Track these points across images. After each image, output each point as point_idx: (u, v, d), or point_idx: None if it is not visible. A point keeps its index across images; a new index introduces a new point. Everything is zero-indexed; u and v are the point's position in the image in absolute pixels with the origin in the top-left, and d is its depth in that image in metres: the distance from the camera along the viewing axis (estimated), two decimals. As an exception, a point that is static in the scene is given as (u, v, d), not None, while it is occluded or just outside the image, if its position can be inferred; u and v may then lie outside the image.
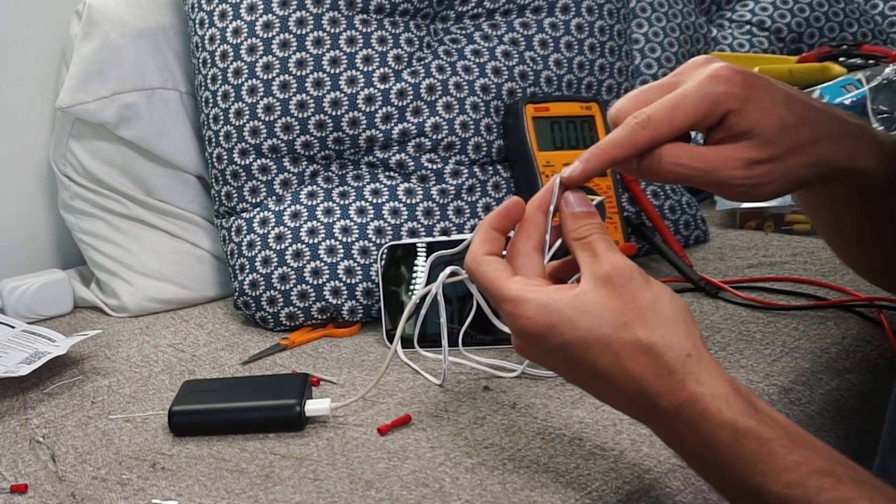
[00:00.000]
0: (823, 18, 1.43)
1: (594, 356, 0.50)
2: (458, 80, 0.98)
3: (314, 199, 0.94)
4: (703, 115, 0.54)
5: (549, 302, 0.51)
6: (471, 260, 0.55)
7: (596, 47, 1.06)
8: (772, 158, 0.55)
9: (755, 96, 0.54)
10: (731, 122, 0.54)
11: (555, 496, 0.59)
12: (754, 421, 0.47)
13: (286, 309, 0.91)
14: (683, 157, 0.54)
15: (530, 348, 0.53)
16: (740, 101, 0.53)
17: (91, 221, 1.03)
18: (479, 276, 0.54)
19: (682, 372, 0.48)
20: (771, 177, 0.55)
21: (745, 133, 0.54)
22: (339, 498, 0.60)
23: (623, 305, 0.50)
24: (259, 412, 0.70)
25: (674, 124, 0.54)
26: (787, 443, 0.47)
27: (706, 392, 0.48)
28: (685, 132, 0.55)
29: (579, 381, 0.53)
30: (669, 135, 0.54)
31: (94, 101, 0.98)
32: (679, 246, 1.02)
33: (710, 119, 0.54)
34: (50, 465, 0.66)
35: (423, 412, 0.71)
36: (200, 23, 0.97)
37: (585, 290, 0.51)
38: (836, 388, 0.77)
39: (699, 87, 0.54)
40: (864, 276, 0.78)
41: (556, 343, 0.51)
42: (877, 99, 1.01)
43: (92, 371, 0.84)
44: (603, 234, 0.53)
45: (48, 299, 1.01)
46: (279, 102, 0.93)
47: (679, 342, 0.49)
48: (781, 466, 0.46)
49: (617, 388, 0.50)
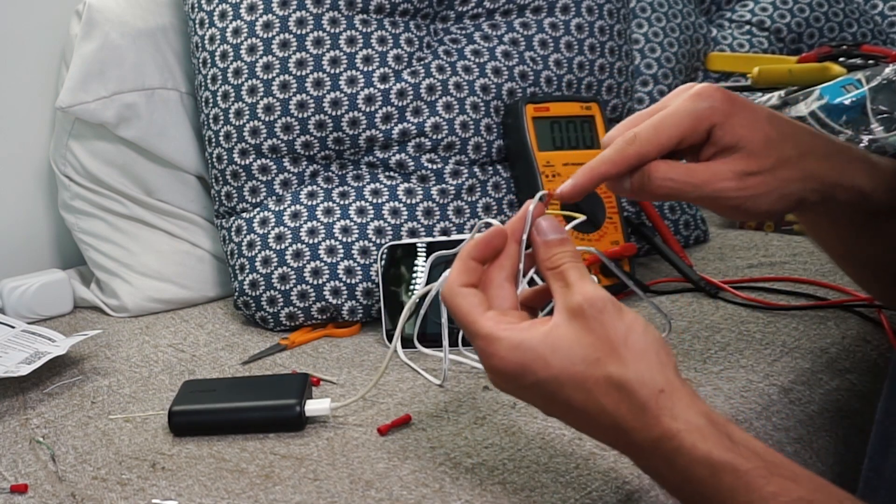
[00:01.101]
0: (823, 18, 1.43)
1: (568, 393, 0.50)
2: (458, 80, 0.98)
3: (314, 199, 0.94)
4: (689, 130, 0.55)
5: (521, 341, 0.50)
6: (447, 291, 0.54)
7: (596, 47, 1.06)
8: (761, 170, 0.55)
9: (738, 112, 0.55)
10: (718, 137, 0.55)
11: (555, 496, 0.59)
12: (730, 453, 0.46)
13: (286, 309, 0.91)
14: (672, 173, 0.55)
15: (504, 384, 0.53)
16: (724, 116, 0.55)
17: (91, 221, 1.03)
18: (453, 309, 0.54)
19: (655, 408, 0.48)
20: (763, 188, 0.56)
21: (732, 147, 0.55)
22: (339, 498, 0.60)
23: (595, 340, 0.49)
24: (259, 412, 0.69)
25: (660, 140, 0.55)
26: (764, 473, 0.46)
27: (681, 427, 0.47)
28: (672, 148, 0.56)
29: (556, 415, 0.53)
30: (656, 151, 0.55)
31: (94, 101, 0.98)
32: (679, 246, 1.02)
33: (696, 134, 0.55)
34: (50, 465, 0.66)
35: (423, 412, 0.71)
36: (200, 23, 0.97)
37: (558, 324, 0.50)
38: (836, 388, 0.77)
39: (683, 104, 0.55)
40: (874, 296, 0.78)
41: (530, 381, 0.50)
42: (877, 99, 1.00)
43: (92, 371, 0.84)
44: (576, 262, 0.52)
45: (48, 299, 1.01)
46: (279, 102, 0.93)
47: (651, 378, 0.48)
48: (760, 497, 0.45)
49: (593, 422, 0.50)
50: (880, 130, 1.00)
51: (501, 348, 0.51)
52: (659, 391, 0.48)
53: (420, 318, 0.75)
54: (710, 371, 0.76)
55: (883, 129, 1.00)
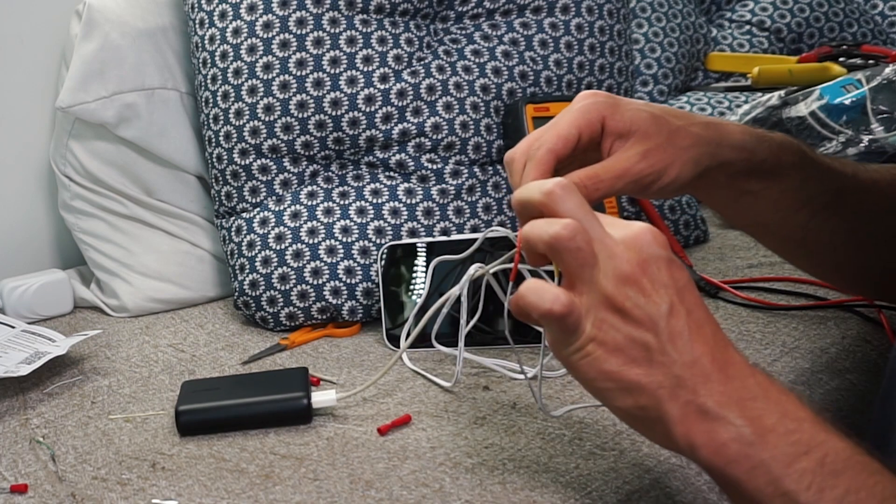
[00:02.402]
0: (823, 18, 1.43)
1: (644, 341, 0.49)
2: (458, 80, 0.98)
3: (314, 199, 0.94)
4: (584, 123, 0.58)
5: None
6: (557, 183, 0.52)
7: (596, 47, 1.06)
8: (659, 145, 0.59)
9: (620, 102, 0.59)
10: (611, 127, 0.59)
11: (555, 496, 0.59)
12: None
13: (286, 309, 0.91)
14: (594, 171, 0.58)
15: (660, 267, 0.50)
16: (610, 107, 0.59)
17: (91, 221, 1.03)
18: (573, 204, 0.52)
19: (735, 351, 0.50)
20: (667, 159, 0.59)
21: (626, 132, 0.59)
22: (339, 498, 0.60)
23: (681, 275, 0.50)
24: (267, 406, 0.70)
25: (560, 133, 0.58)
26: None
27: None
28: (574, 141, 0.58)
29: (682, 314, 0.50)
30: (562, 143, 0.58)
31: (94, 101, 0.98)
32: (679, 246, 1.02)
33: (591, 127, 0.59)
34: (50, 465, 0.66)
35: (423, 412, 0.71)
36: (200, 23, 0.97)
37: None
38: (836, 388, 0.77)
39: (571, 107, 0.60)
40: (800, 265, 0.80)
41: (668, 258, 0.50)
42: (877, 99, 1.01)
43: (92, 371, 0.84)
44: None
45: (48, 299, 1.01)
46: (279, 102, 0.93)
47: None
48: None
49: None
50: (880, 130, 1.00)
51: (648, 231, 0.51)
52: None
53: (428, 317, 0.75)
54: (710, 371, 0.76)
55: (883, 129, 1.00)
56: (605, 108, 0.59)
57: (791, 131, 1.04)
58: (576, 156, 0.59)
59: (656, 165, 0.59)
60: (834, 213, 0.68)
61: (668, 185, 0.60)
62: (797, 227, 0.69)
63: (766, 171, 0.64)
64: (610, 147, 0.59)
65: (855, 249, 0.70)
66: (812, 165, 0.66)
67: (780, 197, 0.66)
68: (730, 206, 0.67)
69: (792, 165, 0.65)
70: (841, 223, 0.68)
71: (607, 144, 0.60)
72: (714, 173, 0.62)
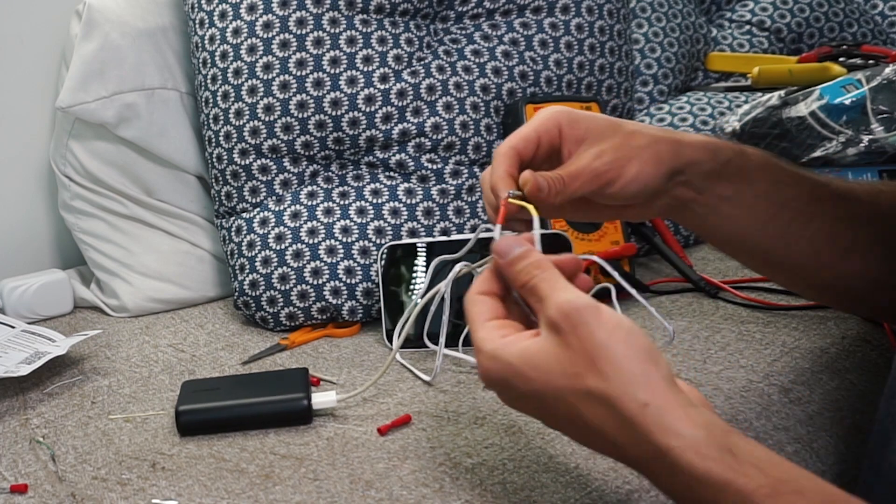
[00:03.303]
0: (823, 18, 1.43)
1: (554, 407, 0.48)
2: (458, 80, 0.98)
3: (314, 199, 0.94)
4: (541, 128, 0.60)
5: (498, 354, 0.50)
6: (467, 297, 0.54)
7: (596, 47, 1.06)
8: (614, 145, 0.60)
9: (577, 113, 0.61)
10: (567, 133, 0.60)
11: (555, 496, 0.59)
12: (732, 472, 0.44)
13: (286, 309, 0.91)
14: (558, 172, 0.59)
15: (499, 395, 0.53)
16: (566, 116, 0.61)
17: (91, 221, 1.03)
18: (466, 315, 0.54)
19: (643, 423, 0.45)
20: (625, 157, 0.60)
21: (583, 137, 0.60)
22: (339, 498, 0.60)
23: (573, 354, 0.47)
24: (267, 406, 0.70)
25: (521, 135, 0.59)
26: (769, 492, 0.43)
27: (673, 444, 0.44)
28: (535, 143, 0.60)
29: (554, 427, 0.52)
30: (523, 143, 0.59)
31: (94, 101, 0.98)
32: (679, 246, 1.02)
33: (549, 134, 0.60)
34: (50, 465, 0.66)
35: (423, 412, 0.71)
36: (200, 23, 0.97)
37: (538, 339, 0.49)
38: (836, 387, 0.77)
39: (530, 119, 0.62)
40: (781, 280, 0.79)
41: (516, 394, 0.50)
42: (877, 99, 1.00)
43: (92, 371, 0.84)
44: (543, 271, 0.51)
45: (48, 299, 1.01)
46: (279, 102, 0.93)
47: (635, 391, 0.45)
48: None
49: (588, 437, 0.49)
50: (880, 130, 1.00)
51: (483, 359, 0.50)
52: (643, 405, 0.45)
53: (430, 316, 0.75)
54: (710, 371, 0.76)
55: (883, 129, 1.00)
56: (561, 117, 0.61)
57: (791, 131, 1.04)
58: (537, 164, 0.60)
59: (613, 164, 0.59)
60: (811, 218, 0.67)
61: (632, 184, 0.60)
62: (777, 237, 0.67)
63: (733, 172, 0.64)
64: (568, 153, 0.61)
65: (840, 258, 0.68)
66: (780, 169, 0.66)
67: (754, 203, 0.66)
68: (708, 217, 0.66)
69: (759, 168, 0.65)
70: (821, 229, 0.67)
71: (566, 151, 0.61)
72: (683, 177, 0.62)
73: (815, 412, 0.74)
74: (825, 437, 0.74)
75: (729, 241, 0.69)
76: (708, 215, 0.66)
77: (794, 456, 0.70)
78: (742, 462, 0.44)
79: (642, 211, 0.64)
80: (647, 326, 0.85)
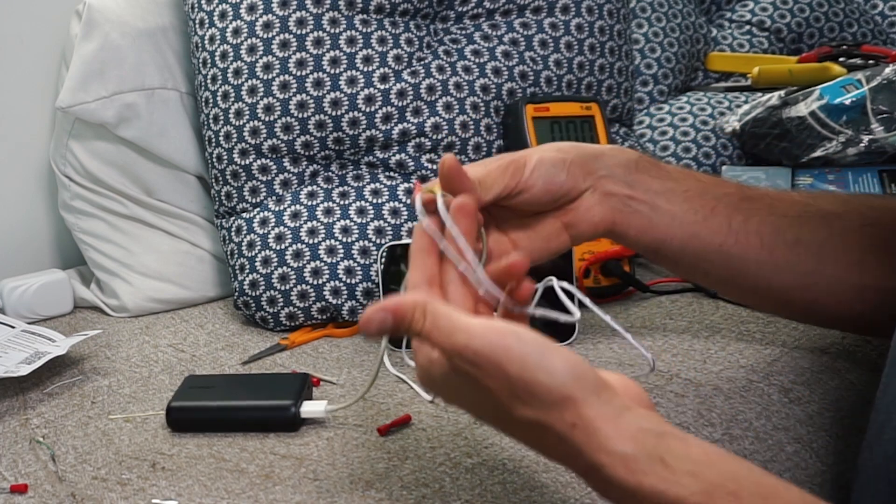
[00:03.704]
0: (823, 18, 1.43)
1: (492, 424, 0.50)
2: (458, 81, 0.98)
3: (314, 199, 0.94)
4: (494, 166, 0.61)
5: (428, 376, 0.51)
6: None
7: (596, 47, 1.06)
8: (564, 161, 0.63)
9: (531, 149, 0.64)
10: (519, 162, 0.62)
11: (555, 496, 0.59)
12: (663, 483, 0.43)
13: (286, 309, 0.91)
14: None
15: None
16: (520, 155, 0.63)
17: (91, 221, 1.03)
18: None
19: (574, 443, 0.45)
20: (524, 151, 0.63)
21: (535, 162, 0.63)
22: (339, 498, 0.60)
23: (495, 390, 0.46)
24: (254, 412, 0.70)
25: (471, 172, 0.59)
26: (702, 499, 0.43)
27: (604, 461, 0.44)
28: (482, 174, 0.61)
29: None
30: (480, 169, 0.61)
31: (94, 101, 0.98)
32: (679, 246, 1.02)
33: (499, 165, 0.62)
34: (50, 465, 0.66)
35: (423, 412, 0.71)
36: (200, 23, 0.97)
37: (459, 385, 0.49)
38: (836, 387, 0.77)
39: None
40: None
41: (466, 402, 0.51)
42: (877, 99, 1.00)
43: (92, 371, 0.84)
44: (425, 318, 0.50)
45: (48, 299, 1.01)
46: (279, 102, 0.93)
47: (560, 414, 0.45)
48: None
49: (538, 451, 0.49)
50: (880, 130, 1.00)
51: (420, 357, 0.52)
52: (571, 426, 0.45)
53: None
54: (710, 371, 0.76)
55: (883, 129, 1.00)
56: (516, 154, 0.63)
57: (791, 131, 1.04)
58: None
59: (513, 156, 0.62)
60: (749, 214, 0.67)
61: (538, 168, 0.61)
62: (724, 232, 0.66)
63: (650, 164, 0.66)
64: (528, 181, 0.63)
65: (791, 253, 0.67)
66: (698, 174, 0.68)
67: (687, 198, 0.66)
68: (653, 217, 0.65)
69: (676, 169, 0.67)
70: (763, 221, 0.67)
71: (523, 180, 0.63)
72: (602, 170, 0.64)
73: (815, 412, 0.74)
74: (825, 437, 0.74)
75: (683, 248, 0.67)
76: (651, 214, 0.66)
77: (794, 456, 0.70)
78: (674, 470, 0.44)
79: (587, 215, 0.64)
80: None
